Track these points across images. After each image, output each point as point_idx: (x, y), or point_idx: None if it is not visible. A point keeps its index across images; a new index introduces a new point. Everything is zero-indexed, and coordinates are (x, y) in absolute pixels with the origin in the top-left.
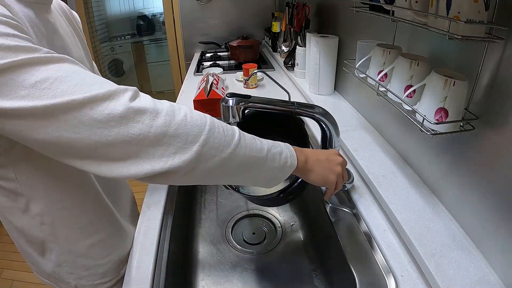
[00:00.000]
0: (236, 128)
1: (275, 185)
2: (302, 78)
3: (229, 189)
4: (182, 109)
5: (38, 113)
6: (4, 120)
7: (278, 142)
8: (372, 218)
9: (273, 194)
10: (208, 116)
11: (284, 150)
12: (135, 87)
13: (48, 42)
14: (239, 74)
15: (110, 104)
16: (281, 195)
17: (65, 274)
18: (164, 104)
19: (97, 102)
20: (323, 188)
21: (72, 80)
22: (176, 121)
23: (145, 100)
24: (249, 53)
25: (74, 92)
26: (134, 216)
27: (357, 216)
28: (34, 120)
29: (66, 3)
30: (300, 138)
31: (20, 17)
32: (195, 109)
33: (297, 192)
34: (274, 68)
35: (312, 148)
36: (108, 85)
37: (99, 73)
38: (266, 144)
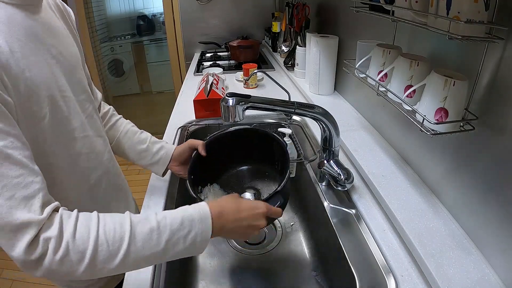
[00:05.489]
0: (125, 235)
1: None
2: (302, 78)
3: None
4: (64, 240)
5: None
6: None
7: (191, 216)
8: (372, 218)
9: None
10: (93, 235)
11: (193, 229)
12: (45, 217)
13: (38, 42)
14: (239, 74)
15: (14, 239)
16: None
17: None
18: (50, 243)
19: (4, 230)
20: (320, 190)
21: None
22: (58, 257)
23: (43, 242)
24: (249, 53)
25: None
26: None
27: (357, 216)
28: None
29: (66, 3)
30: (279, 158)
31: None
32: (195, 109)
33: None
34: (274, 68)
35: (311, 149)
36: (18, 212)
37: (88, 73)
38: (166, 234)
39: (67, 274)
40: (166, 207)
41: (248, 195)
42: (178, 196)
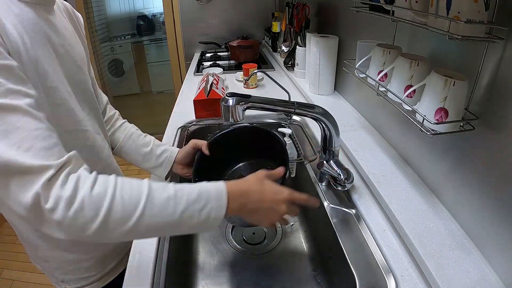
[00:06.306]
0: (142, 198)
1: (207, 231)
2: (302, 78)
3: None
4: (79, 194)
5: None
6: None
7: (208, 191)
8: (372, 218)
9: None
10: (109, 193)
11: (208, 204)
12: (64, 160)
13: (46, 39)
14: (239, 74)
15: (27, 183)
16: None
17: (53, 269)
18: (66, 192)
19: (17, 175)
20: (320, 190)
21: (11, 138)
22: (72, 210)
23: (55, 191)
24: (249, 53)
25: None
26: None
27: (357, 216)
28: None
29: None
30: (279, 154)
31: (10, 21)
32: (195, 109)
33: None
34: (274, 68)
35: (311, 149)
36: (37, 159)
37: (93, 76)
38: (182, 204)
39: (78, 231)
40: None
41: None
42: None
